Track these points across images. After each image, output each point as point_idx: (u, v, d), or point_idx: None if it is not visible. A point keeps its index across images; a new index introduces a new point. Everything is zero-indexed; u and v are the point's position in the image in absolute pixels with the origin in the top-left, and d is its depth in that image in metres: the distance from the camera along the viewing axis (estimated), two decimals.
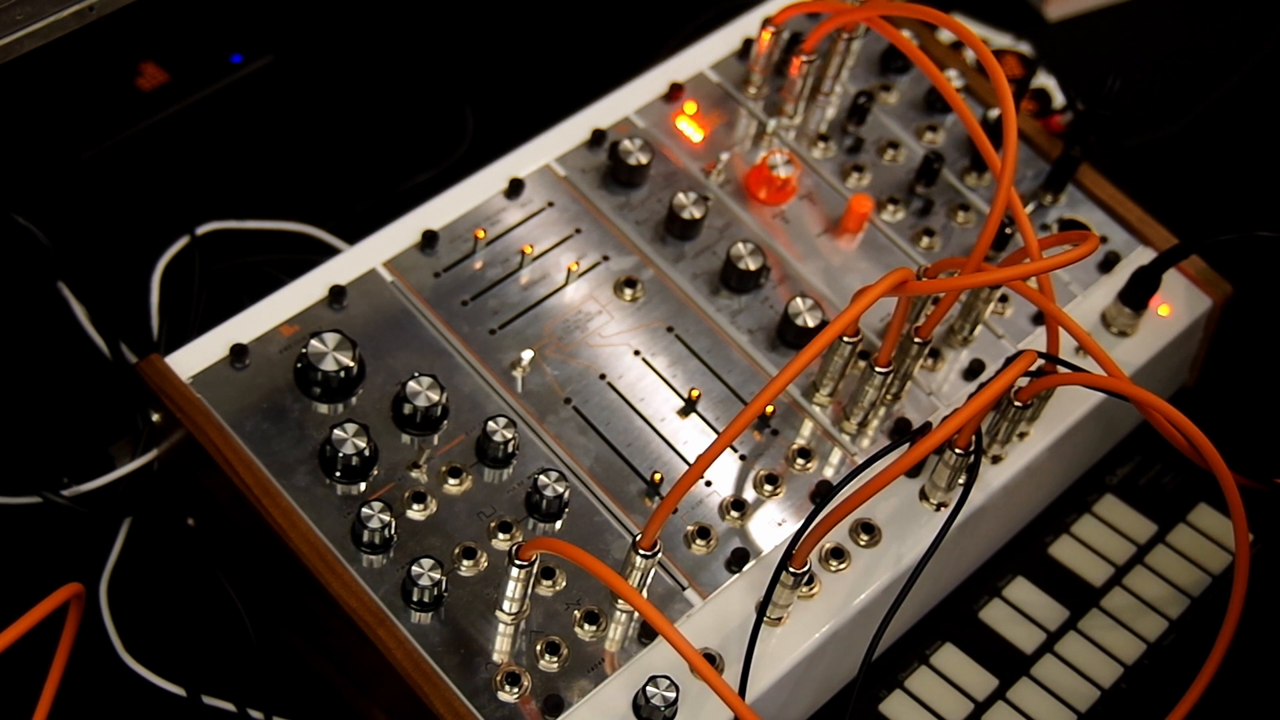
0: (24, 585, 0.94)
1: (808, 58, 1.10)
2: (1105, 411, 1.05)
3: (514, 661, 0.89)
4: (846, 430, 1.00)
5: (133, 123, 1.19)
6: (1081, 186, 1.13)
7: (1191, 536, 1.07)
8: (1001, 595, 1.03)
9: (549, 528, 0.94)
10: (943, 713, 0.98)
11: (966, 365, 1.04)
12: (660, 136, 1.11)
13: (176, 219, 1.12)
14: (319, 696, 0.98)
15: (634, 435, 0.98)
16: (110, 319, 1.09)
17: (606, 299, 1.03)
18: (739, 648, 0.91)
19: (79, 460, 1.03)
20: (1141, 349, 1.07)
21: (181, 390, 0.95)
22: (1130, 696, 1.00)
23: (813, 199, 1.10)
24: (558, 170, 1.08)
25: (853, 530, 0.96)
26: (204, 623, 1.00)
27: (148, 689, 0.97)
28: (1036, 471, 1.03)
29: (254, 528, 0.92)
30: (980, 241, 0.92)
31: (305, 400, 0.96)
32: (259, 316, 0.99)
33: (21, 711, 0.89)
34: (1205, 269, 1.11)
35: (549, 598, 0.91)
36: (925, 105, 1.16)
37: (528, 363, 0.99)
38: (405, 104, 1.27)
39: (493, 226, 1.04)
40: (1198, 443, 0.91)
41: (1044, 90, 1.27)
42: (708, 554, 0.94)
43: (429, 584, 0.88)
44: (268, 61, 1.24)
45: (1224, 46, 1.40)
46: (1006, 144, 0.92)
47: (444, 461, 0.94)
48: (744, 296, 1.04)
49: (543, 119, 1.10)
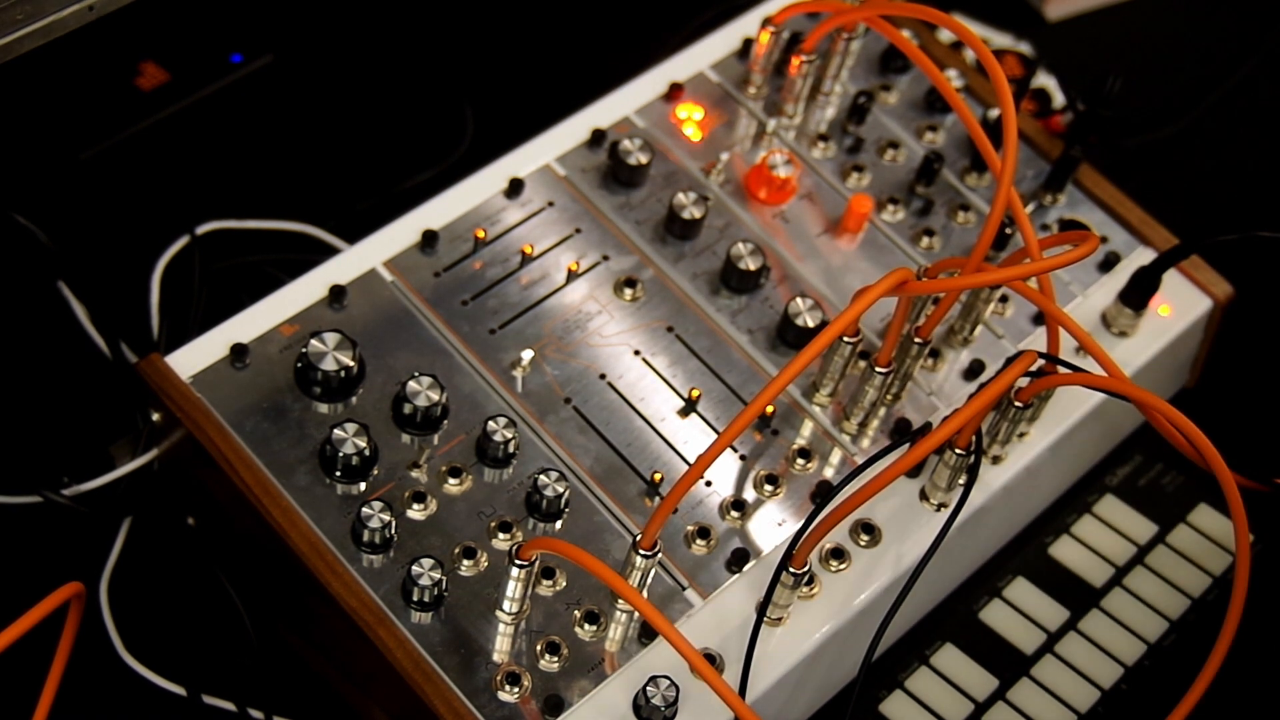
0: (24, 585, 0.93)
1: (807, 57, 1.10)
2: (1105, 412, 1.05)
3: (514, 661, 0.89)
4: (846, 430, 1.00)
5: (133, 122, 1.18)
6: (1081, 186, 1.13)
7: (1191, 536, 1.07)
8: (1001, 595, 1.03)
9: (549, 528, 0.94)
10: (943, 713, 0.98)
11: (966, 365, 1.04)
12: (660, 136, 1.11)
13: (176, 219, 1.12)
14: (319, 696, 0.98)
15: (634, 435, 0.98)
16: (110, 319, 1.09)
17: (606, 299, 1.03)
18: (739, 648, 0.91)
19: (79, 460, 1.03)
20: (1142, 349, 1.07)
21: (181, 390, 0.95)
22: (1130, 696, 1.00)
23: (813, 199, 1.10)
24: (558, 170, 1.08)
25: (853, 530, 0.96)
26: (204, 623, 1.00)
27: (148, 689, 0.97)
28: (1036, 472, 1.03)
29: (254, 527, 0.92)
30: (980, 242, 0.92)
31: (305, 400, 0.96)
32: (259, 316, 0.99)
33: (21, 711, 0.89)
34: (1205, 269, 1.11)
35: (549, 598, 0.91)
36: (925, 105, 1.16)
37: (528, 363, 0.99)
38: (405, 104, 1.27)
39: (493, 226, 1.04)
40: (1198, 443, 0.91)
41: (1044, 90, 1.27)
42: (708, 554, 0.94)
43: (429, 584, 0.88)
44: (268, 61, 1.24)
45: (1224, 46, 1.40)
46: (1006, 144, 0.92)
47: (444, 461, 0.94)
48: (744, 296, 1.04)
49: (543, 119, 1.10)
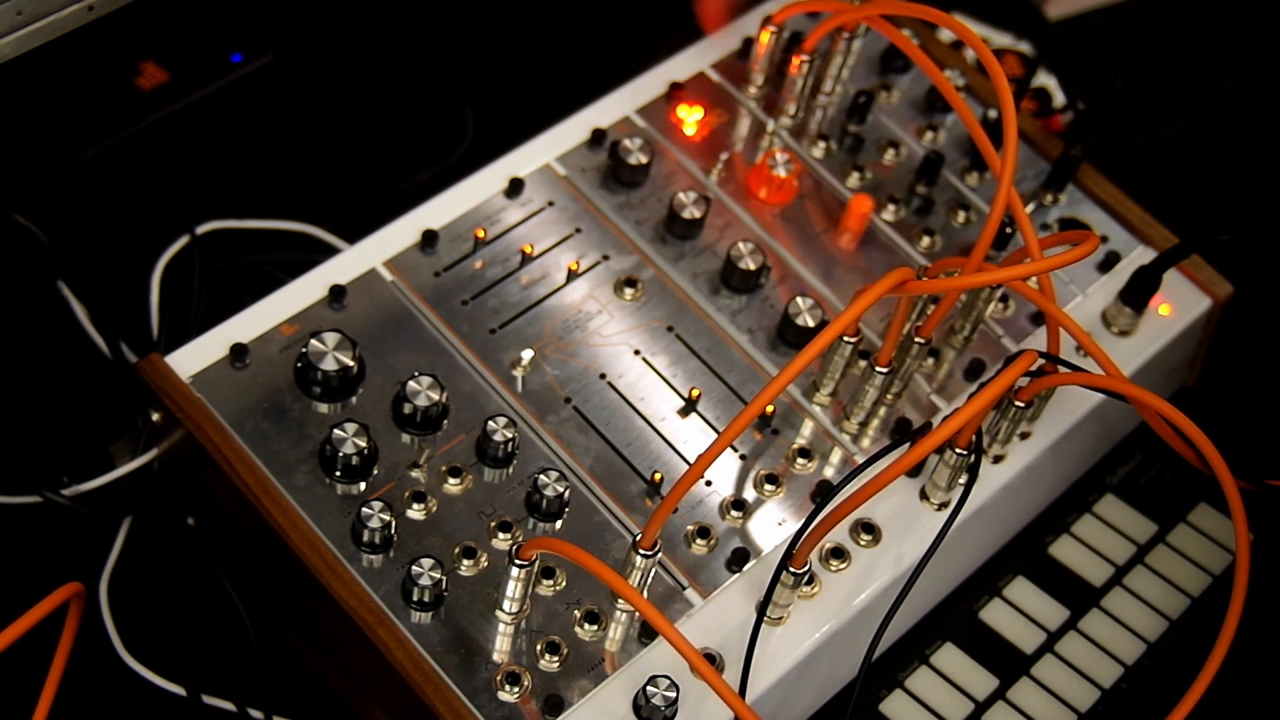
0: (24, 585, 0.93)
1: (807, 57, 1.10)
2: (1105, 411, 1.05)
3: (514, 661, 0.89)
4: (847, 430, 1.00)
5: (133, 122, 1.18)
6: (1082, 186, 1.13)
7: (1191, 536, 1.07)
8: (1001, 595, 1.03)
9: (549, 527, 0.94)
10: (943, 713, 0.98)
11: (966, 365, 1.04)
12: (660, 136, 1.11)
13: (176, 219, 1.12)
14: (319, 696, 0.98)
15: (634, 435, 0.98)
16: (110, 319, 1.09)
17: (607, 298, 1.03)
18: (739, 648, 0.91)
19: (79, 460, 1.03)
20: (1141, 349, 1.07)
21: (181, 390, 0.95)
22: (1130, 696, 1.00)
23: (813, 199, 1.10)
24: (558, 170, 1.08)
25: (853, 530, 0.96)
26: (204, 623, 1.00)
27: (148, 689, 0.97)
28: (1036, 471, 1.03)
29: (254, 528, 0.92)
30: (980, 241, 0.92)
31: (305, 400, 0.96)
32: (259, 316, 0.99)
33: (21, 711, 0.89)
34: (1205, 269, 1.11)
35: (549, 597, 0.91)
36: (925, 105, 1.16)
37: (528, 362, 0.99)
38: (405, 104, 1.27)
39: (493, 226, 1.04)
40: (1198, 443, 0.91)
41: (1044, 90, 1.27)
42: (708, 554, 0.94)
43: (429, 584, 0.88)
44: (268, 61, 1.24)
45: (1224, 46, 1.40)
46: (1006, 144, 0.91)
47: (444, 461, 0.94)
48: (744, 296, 1.04)
49: (543, 119, 1.10)
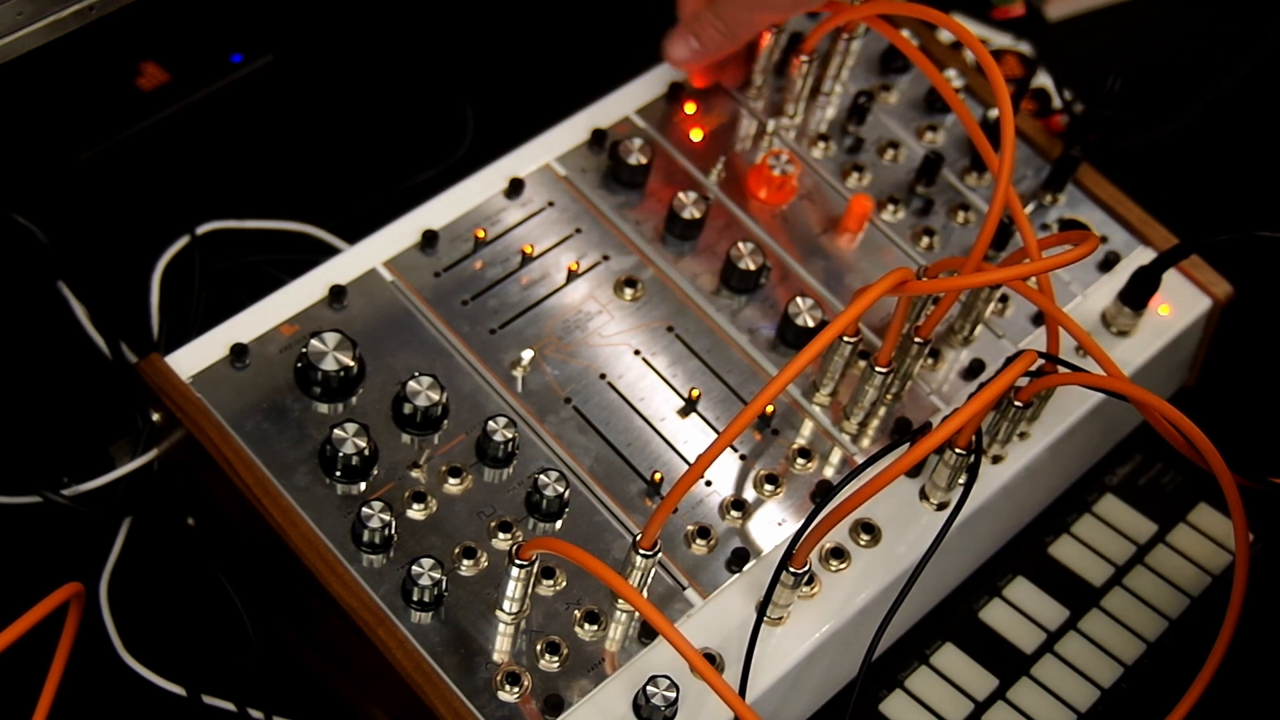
0: (24, 585, 0.93)
1: (807, 58, 1.10)
2: (1105, 411, 1.05)
3: (514, 661, 0.89)
4: (846, 430, 1.00)
5: (133, 123, 1.18)
6: (1081, 186, 1.13)
7: (1191, 536, 1.07)
8: (1001, 595, 1.03)
9: (549, 527, 0.94)
10: (943, 713, 0.98)
11: (966, 365, 1.04)
12: (660, 137, 1.11)
13: (176, 219, 1.12)
14: (319, 696, 0.98)
15: (634, 435, 0.98)
16: (110, 319, 1.09)
17: (606, 299, 1.03)
18: (739, 648, 0.91)
19: (79, 460, 1.03)
20: (1141, 349, 1.07)
21: (181, 390, 0.95)
22: (1130, 696, 1.00)
23: (813, 199, 1.10)
24: (558, 170, 1.08)
25: (853, 530, 0.96)
26: (204, 623, 1.00)
27: (148, 689, 0.97)
28: (1036, 471, 1.03)
29: (254, 528, 0.92)
30: (980, 241, 0.92)
31: (305, 400, 0.96)
32: (259, 316, 0.99)
33: (21, 711, 0.89)
34: (1205, 268, 1.11)
35: (549, 597, 0.91)
36: (925, 105, 1.16)
37: (528, 362, 0.99)
38: (405, 104, 1.27)
39: (493, 226, 1.04)
40: (1197, 442, 0.91)
41: (1044, 90, 1.27)
42: (708, 554, 0.94)
43: (429, 584, 0.88)
44: (268, 61, 1.24)
45: (1224, 46, 1.40)
46: (1004, 144, 0.91)
47: (444, 461, 0.94)
48: (744, 296, 1.04)
49: (543, 119, 1.10)
